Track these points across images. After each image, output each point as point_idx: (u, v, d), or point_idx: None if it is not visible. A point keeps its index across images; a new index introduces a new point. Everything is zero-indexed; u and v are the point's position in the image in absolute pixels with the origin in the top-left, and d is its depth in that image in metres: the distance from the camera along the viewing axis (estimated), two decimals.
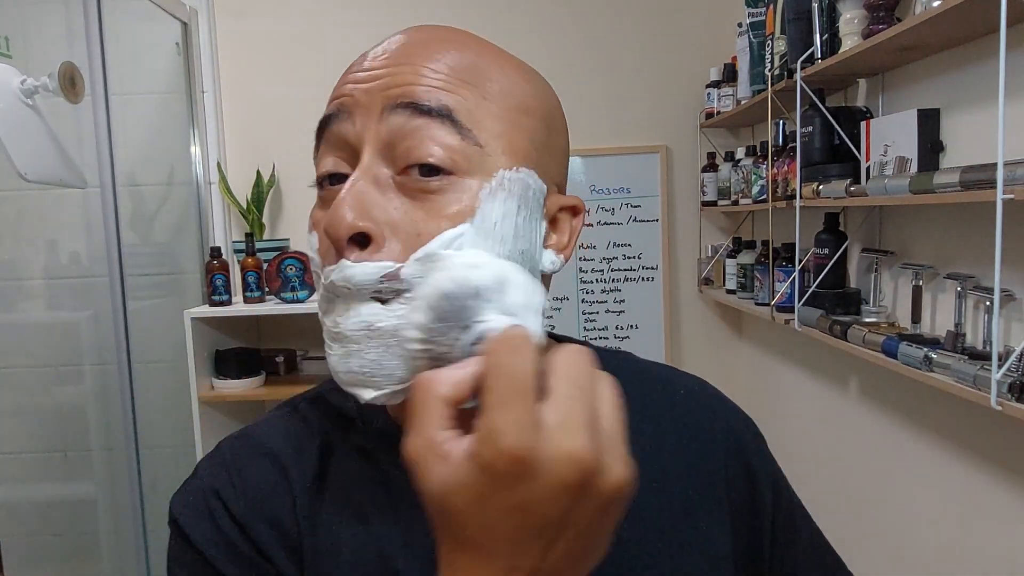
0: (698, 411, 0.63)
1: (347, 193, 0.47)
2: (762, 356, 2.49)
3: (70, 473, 2.44)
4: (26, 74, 1.75)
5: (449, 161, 0.47)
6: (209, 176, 2.56)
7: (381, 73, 0.49)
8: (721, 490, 0.60)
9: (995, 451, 1.36)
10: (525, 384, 0.34)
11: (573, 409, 0.34)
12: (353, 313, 0.47)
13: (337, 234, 0.46)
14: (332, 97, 0.52)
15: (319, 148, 0.52)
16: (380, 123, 0.48)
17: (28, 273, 2.44)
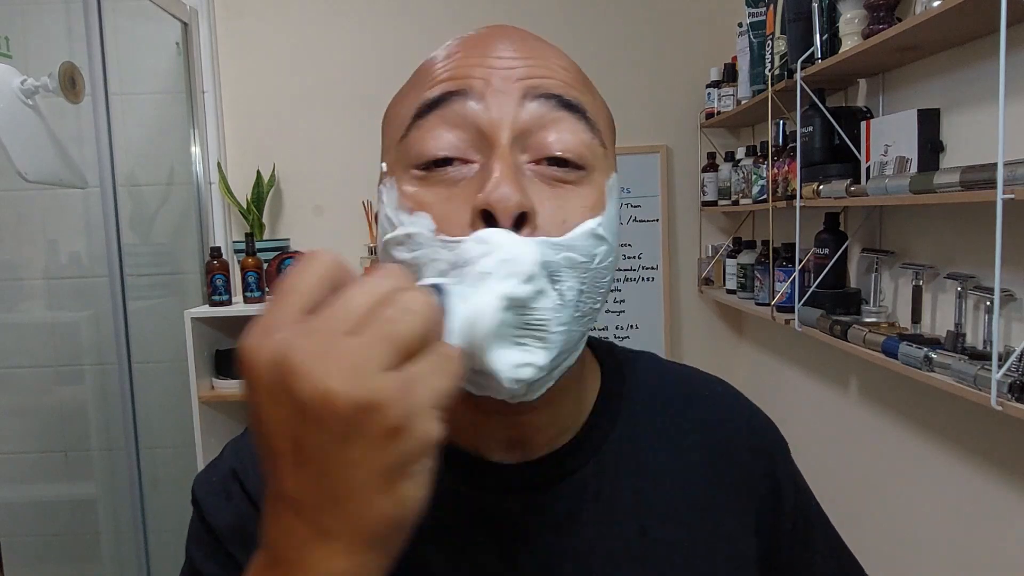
0: (722, 412, 0.64)
1: (505, 171, 0.46)
2: (762, 356, 2.49)
3: (70, 473, 2.44)
4: (26, 74, 1.75)
5: (584, 156, 0.49)
6: (209, 176, 2.56)
7: (513, 63, 0.50)
8: (745, 491, 0.61)
9: (995, 451, 1.36)
10: (283, 290, 0.35)
11: (313, 319, 0.34)
12: None
13: (507, 211, 0.45)
14: (441, 75, 0.50)
15: (423, 124, 0.49)
16: (519, 110, 0.48)
17: (28, 273, 2.44)
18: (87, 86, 1.88)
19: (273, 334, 0.33)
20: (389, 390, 0.33)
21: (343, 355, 0.32)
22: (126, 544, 2.16)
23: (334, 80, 2.55)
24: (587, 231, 0.48)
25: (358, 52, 2.54)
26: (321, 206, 2.58)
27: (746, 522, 0.60)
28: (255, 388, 0.34)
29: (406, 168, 0.50)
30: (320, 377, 0.32)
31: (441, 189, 0.48)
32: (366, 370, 0.32)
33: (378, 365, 0.33)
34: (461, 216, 0.47)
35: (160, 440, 2.29)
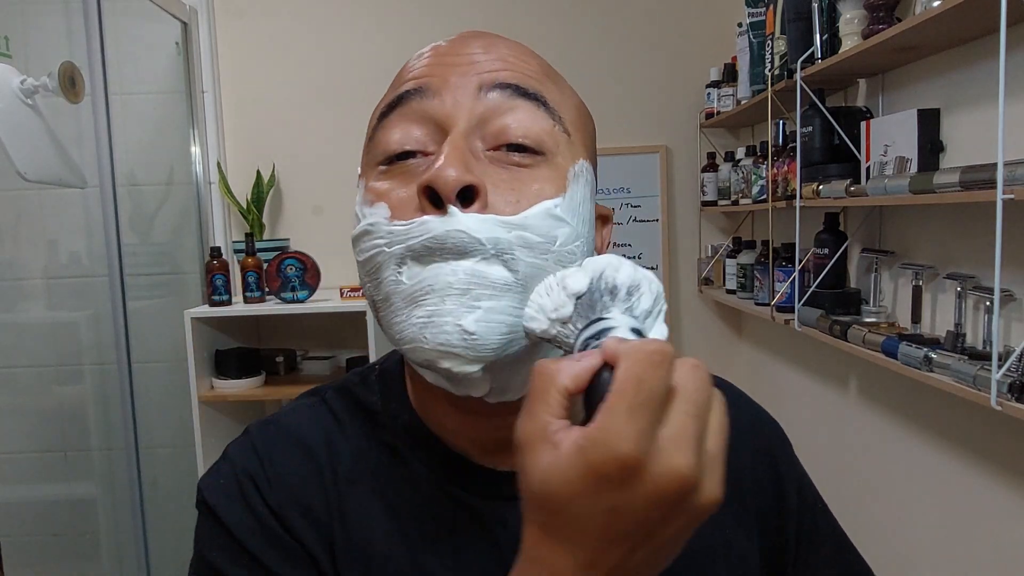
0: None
1: (451, 152, 0.47)
2: (762, 356, 2.49)
3: (70, 473, 2.44)
4: (26, 74, 1.75)
5: (542, 142, 0.50)
6: (209, 176, 2.56)
7: (471, 59, 0.51)
8: (748, 494, 0.60)
9: (995, 451, 1.36)
10: (656, 399, 0.35)
11: (687, 427, 0.35)
12: (455, 268, 0.45)
13: (447, 186, 0.45)
14: (405, 78, 0.52)
15: (387, 124, 0.51)
16: (476, 101, 0.49)
17: (28, 273, 2.44)
18: (87, 86, 1.88)
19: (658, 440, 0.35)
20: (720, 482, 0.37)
21: (716, 464, 0.36)
22: (126, 544, 2.16)
23: (334, 80, 2.55)
24: (542, 211, 0.48)
25: (358, 52, 2.54)
26: (321, 206, 2.58)
27: (749, 526, 0.59)
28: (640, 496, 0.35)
29: (373, 166, 0.52)
30: (715, 492, 0.36)
31: (400, 180, 0.49)
32: (723, 478, 0.37)
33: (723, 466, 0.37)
34: (411, 200, 0.48)
35: (160, 440, 2.29)
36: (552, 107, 0.51)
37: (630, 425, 0.34)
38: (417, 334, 0.46)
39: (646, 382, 0.35)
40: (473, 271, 0.45)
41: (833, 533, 0.66)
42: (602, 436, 0.34)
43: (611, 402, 0.35)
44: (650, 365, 0.36)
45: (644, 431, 0.34)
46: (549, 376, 0.38)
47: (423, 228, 0.46)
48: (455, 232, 0.45)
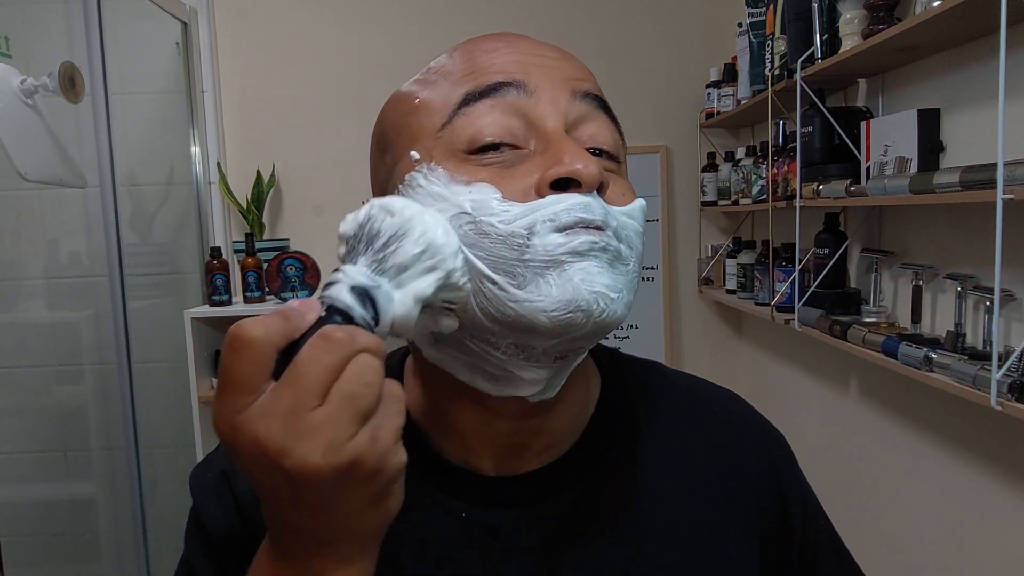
0: (731, 429, 0.62)
1: (574, 148, 0.47)
2: (762, 356, 2.49)
3: (70, 473, 2.44)
4: (26, 74, 1.75)
5: (618, 151, 0.53)
6: (209, 176, 2.55)
7: (557, 63, 0.52)
8: (752, 512, 0.59)
9: (995, 451, 1.36)
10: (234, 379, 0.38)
11: (278, 398, 0.37)
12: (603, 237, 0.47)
13: (593, 176, 0.46)
14: (491, 69, 0.50)
15: (473, 110, 0.49)
16: (570, 106, 0.50)
17: (28, 273, 2.43)
18: (87, 86, 1.88)
19: (241, 416, 0.37)
20: (361, 449, 0.37)
21: (316, 432, 0.36)
22: (126, 544, 2.16)
23: (334, 80, 2.55)
24: (640, 206, 0.52)
25: (358, 52, 2.54)
26: (321, 206, 2.58)
27: (751, 543, 0.58)
28: (243, 461, 0.38)
29: (450, 153, 0.49)
30: (302, 456, 0.36)
31: (495, 169, 0.48)
32: (339, 441, 0.37)
33: (347, 434, 0.37)
34: (526, 186, 0.47)
35: (160, 440, 2.29)
36: (618, 122, 0.54)
37: (218, 403, 0.38)
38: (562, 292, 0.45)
39: (228, 368, 0.38)
40: (616, 248, 0.47)
41: (838, 554, 0.66)
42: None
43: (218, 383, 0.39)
44: (229, 352, 0.38)
45: (230, 405, 0.37)
46: None
47: (569, 199, 0.46)
48: (605, 209, 0.47)
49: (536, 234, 0.45)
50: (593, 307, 0.45)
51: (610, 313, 0.46)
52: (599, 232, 0.46)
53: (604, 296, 0.45)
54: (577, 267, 0.45)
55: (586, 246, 0.45)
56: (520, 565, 0.53)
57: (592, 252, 0.45)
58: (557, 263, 0.45)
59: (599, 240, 0.46)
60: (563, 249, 0.45)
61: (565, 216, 0.45)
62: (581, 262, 0.45)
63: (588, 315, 0.45)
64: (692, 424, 0.61)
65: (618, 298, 0.46)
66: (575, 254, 0.45)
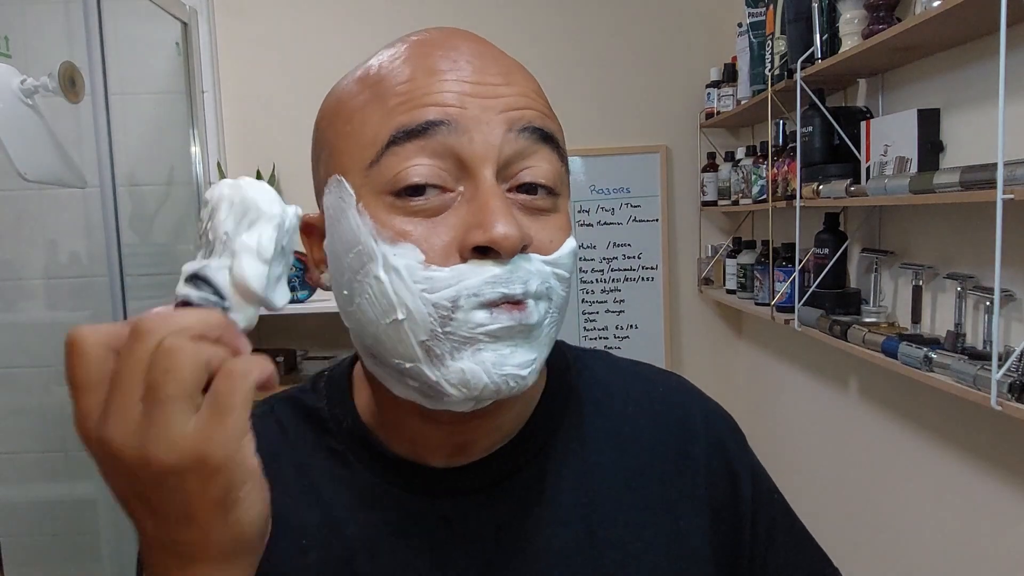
0: (677, 408, 0.63)
1: (500, 205, 0.47)
2: (762, 356, 2.49)
3: (70, 473, 2.43)
4: (26, 74, 1.75)
5: (557, 184, 0.52)
6: (209, 176, 2.55)
7: (495, 91, 0.50)
8: (701, 488, 0.60)
9: (995, 451, 1.36)
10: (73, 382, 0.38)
11: (109, 399, 0.37)
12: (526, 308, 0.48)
13: (513, 248, 0.47)
14: (424, 101, 0.48)
15: (400, 151, 0.48)
16: (504, 143, 0.49)
17: (28, 273, 2.43)
18: (87, 86, 1.88)
19: (86, 419, 0.37)
20: (194, 440, 0.36)
21: (144, 425, 0.36)
22: (126, 544, 2.16)
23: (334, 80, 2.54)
24: (570, 250, 0.52)
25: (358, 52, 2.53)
26: None
27: (702, 519, 0.59)
28: (100, 467, 0.39)
29: (378, 194, 0.48)
30: (135, 449, 0.36)
31: (421, 220, 0.48)
32: (169, 430, 0.36)
33: (178, 421, 0.36)
34: (449, 248, 0.47)
35: None
36: (562, 147, 0.53)
37: (74, 406, 0.38)
38: (473, 376, 0.47)
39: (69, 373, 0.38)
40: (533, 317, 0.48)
41: (790, 525, 0.66)
42: None
43: None
44: (67, 357, 0.38)
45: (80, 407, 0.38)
46: None
47: (491, 275, 0.47)
48: (526, 274, 0.48)
49: (460, 308, 0.46)
50: (502, 387, 0.48)
51: (520, 387, 0.48)
52: (519, 310, 0.47)
53: (514, 376, 0.48)
54: (490, 348, 0.47)
55: (504, 331, 0.47)
56: (474, 551, 0.54)
57: (511, 335, 0.47)
58: (474, 341, 0.47)
59: (518, 322, 0.47)
60: (483, 331, 0.47)
61: (488, 292, 0.47)
62: (496, 344, 0.47)
63: (496, 394, 0.48)
64: (638, 405, 0.62)
65: (530, 372, 0.49)
66: (493, 337, 0.47)
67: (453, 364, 0.47)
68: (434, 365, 0.47)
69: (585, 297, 2.65)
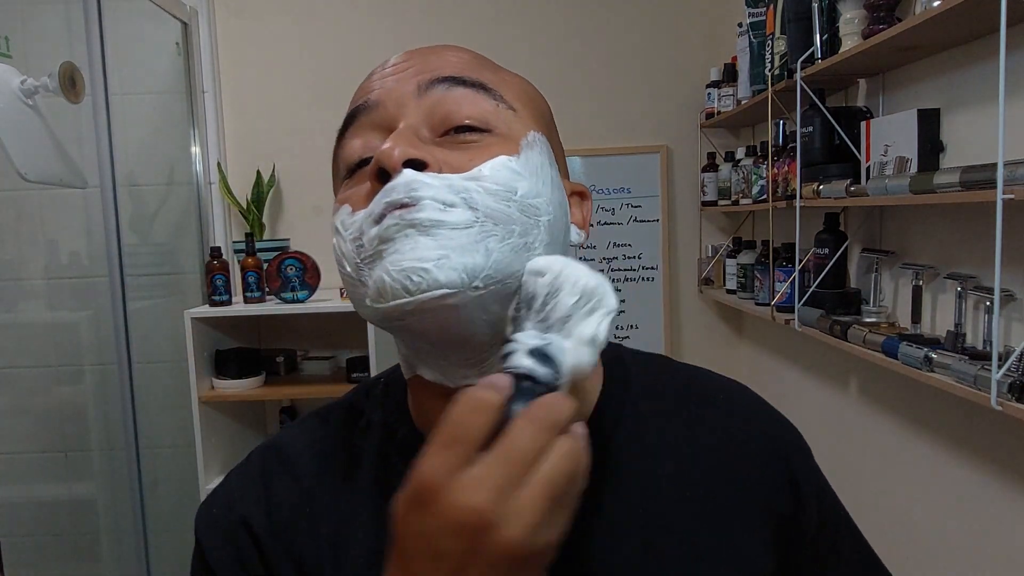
0: (738, 418, 0.61)
1: (394, 135, 0.49)
2: (762, 356, 2.49)
3: (70, 473, 2.44)
4: (26, 74, 1.75)
5: (489, 121, 0.51)
6: (209, 176, 2.56)
7: (408, 65, 0.53)
8: (761, 502, 0.57)
9: (995, 451, 1.36)
10: (467, 439, 0.38)
11: (494, 470, 0.37)
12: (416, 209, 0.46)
13: (391, 159, 0.47)
14: (355, 100, 0.55)
15: (343, 143, 0.54)
16: (419, 99, 0.51)
17: (28, 273, 2.44)
18: (87, 86, 1.88)
19: (454, 477, 0.38)
20: (553, 537, 0.38)
21: (524, 512, 0.37)
22: (126, 544, 2.16)
23: (334, 80, 2.55)
24: (498, 164, 0.48)
25: (358, 52, 2.54)
26: (321, 206, 2.58)
27: (763, 534, 0.57)
28: (434, 525, 0.38)
29: (339, 183, 0.54)
30: (509, 534, 0.37)
31: (357, 180, 0.52)
32: (540, 526, 0.37)
33: (547, 520, 0.38)
34: (366, 190, 0.49)
35: (160, 440, 2.29)
36: (491, 88, 0.53)
37: (437, 457, 0.38)
38: (379, 283, 0.46)
39: (461, 424, 0.39)
40: (429, 218, 0.46)
41: (856, 547, 0.64)
42: (418, 464, 0.39)
43: (433, 439, 0.39)
44: (468, 410, 0.39)
45: (448, 463, 0.38)
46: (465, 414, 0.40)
47: (381, 192, 0.48)
48: (406, 181, 0.47)
49: (364, 234, 0.48)
50: (407, 285, 0.45)
51: (429, 283, 0.44)
52: (405, 209, 0.46)
53: (414, 270, 0.45)
54: (388, 252, 0.46)
55: (392, 230, 0.46)
56: None
57: (400, 231, 0.46)
58: (378, 255, 0.47)
59: (403, 218, 0.46)
60: (375, 238, 0.47)
61: (376, 207, 0.47)
62: (393, 245, 0.46)
63: (406, 292, 0.45)
64: (698, 413, 0.60)
65: (437, 264, 0.45)
66: (385, 240, 0.47)
67: (366, 281, 0.48)
68: (357, 294, 0.50)
69: None
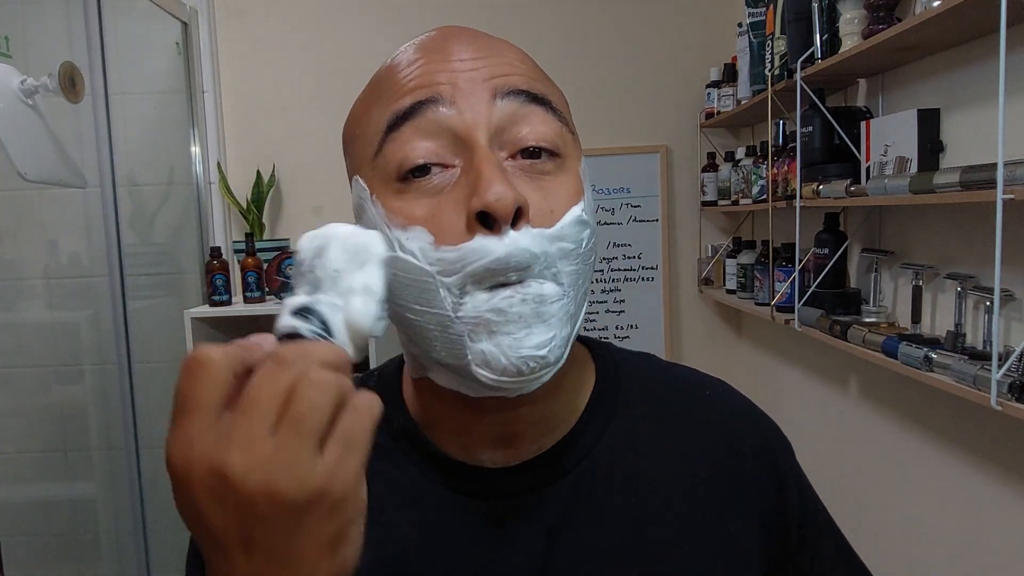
0: (725, 413, 0.63)
1: (492, 170, 0.47)
2: (762, 356, 2.49)
3: (70, 473, 2.44)
4: (26, 74, 1.75)
5: (558, 144, 0.51)
6: (209, 176, 2.55)
7: (476, 64, 0.50)
8: (749, 493, 0.59)
9: (995, 451, 1.36)
10: (192, 406, 0.36)
11: (233, 426, 0.35)
12: (523, 295, 0.47)
13: (507, 209, 0.46)
14: (409, 86, 0.50)
15: (399, 136, 0.50)
16: (492, 109, 0.49)
17: (28, 273, 2.43)
18: (87, 86, 1.88)
19: (198, 443, 0.35)
20: (324, 475, 0.35)
21: (276, 457, 0.34)
22: (126, 544, 2.16)
23: (334, 80, 2.55)
24: (574, 219, 0.50)
25: (358, 52, 2.54)
26: (321, 206, 2.59)
27: (750, 525, 0.59)
28: (196, 497, 0.36)
29: (386, 182, 0.50)
30: (261, 481, 0.34)
31: (428, 200, 0.49)
32: (300, 465, 0.34)
33: (308, 457, 0.35)
34: (456, 223, 0.47)
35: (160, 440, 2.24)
36: (558, 108, 0.52)
37: (177, 426, 0.36)
38: (492, 359, 0.47)
39: (185, 393, 0.37)
40: (538, 296, 0.47)
41: (836, 541, 0.66)
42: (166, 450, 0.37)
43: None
44: (187, 376, 0.37)
45: (182, 435, 0.36)
46: None
47: (484, 250, 0.46)
48: (517, 251, 0.46)
49: (467, 293, 0.47)
50: (523, 369, 0.47)
51: (542, 366, 0.48)
52: (519, 287, 0.47)
53: (532, 357, 0.47)
54: (503, 331, 0.47)
55: (505, 303, 0.47)
56: (527, 553, 0.54)
57: (512, 307, 0.47)
58: (487, 326, 0.47)
59: (518, 298, 0.47)
60: (487, 307, 0.47)
61: (481, 268, 0.47)
62: (508, 326, 0.47)
63: (519, 374, 0.47)
64: (687, 408, 0.62)
65: (548, 351, 0.48)
66: (499, 312, 0.47)
67: (473, 346, 0.48)
68: (455, 348, 0.48)
69: None
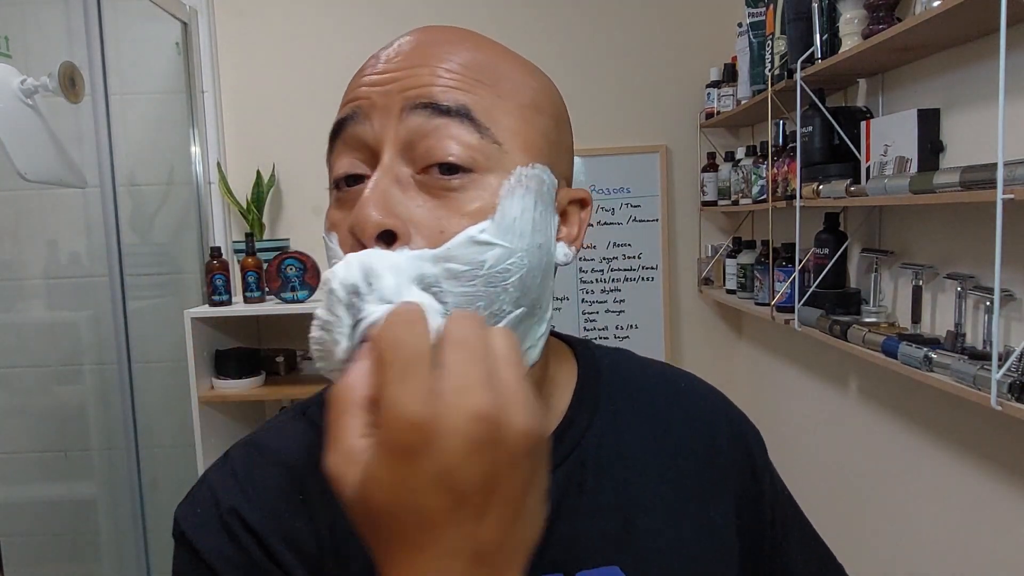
0: (702, 404, 0.66)
1: (371, 192, 0.47)
2: (762, 356, 2.49)
3: (70, 473, 2.44)
4: (26, 74, 1.75)
5: (469, 159, 0.48)
6: (209, 176, 2.55)
7: (397, 75, 0.50)
8: (728, 480, 0.62)
9: (995, 451, 1.36)
10: (417, 355, 0.35)
11: (466, 370, 0.34)
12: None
13: (364, 232, 0.46)
14: (345, 100, 0.52)
15: (333, 150, 0.52)
16: (400, 123, 0.49)
17: (28, 273, 2.44)
18: (87, 86, 1.88)
19: (452, 394, 0.34)
20: (541, 418, 0.36)
21: (519, 395, 0.35)
22: (126, 544, 2.16)
23: (334, 80, 2.53)
24: (466, 239, 0.46)
25: (358, 52, 2.53)
26: (321, 206, 2.57)
27: (729, 509, 0.61)
28: (446, 452, 0.33)
29: (331, 190, 0.53)
30: (523, 422, 0.34)
31: (347, 208, 0.50)
32: (533, 407, 0.35)
33: (532, 401, 0.35)
34: (347, 236, 0.49)
35: (160, 440, 2.29)
36: (477, 119, 0.49)
37: (402, 388, 0.34)
38: None
39: (397, 342, 0.35)
40: None
41: (801, 522, 0.69)
42: (386, 414, 0.34)
43: (381, 379, 0.35)
44: (398, 326, 0.36)
45: (417, 388, 0.34)
46: (340, 398, 0.37)
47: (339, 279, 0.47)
48: (344, 270, 0.45)
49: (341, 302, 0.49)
50: None
51: None
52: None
53: None
54: None
55: None
56: None
57: None
58: None
59: None
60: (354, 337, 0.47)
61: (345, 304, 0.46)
62: None
63: None
64: (666, 399, 0.64)
65: None
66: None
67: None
68: None
69: (585, 297, 2.65)
